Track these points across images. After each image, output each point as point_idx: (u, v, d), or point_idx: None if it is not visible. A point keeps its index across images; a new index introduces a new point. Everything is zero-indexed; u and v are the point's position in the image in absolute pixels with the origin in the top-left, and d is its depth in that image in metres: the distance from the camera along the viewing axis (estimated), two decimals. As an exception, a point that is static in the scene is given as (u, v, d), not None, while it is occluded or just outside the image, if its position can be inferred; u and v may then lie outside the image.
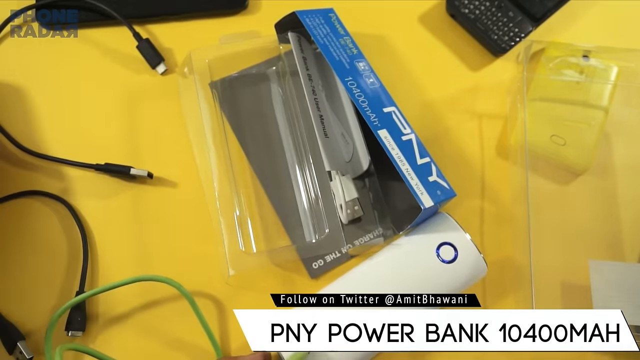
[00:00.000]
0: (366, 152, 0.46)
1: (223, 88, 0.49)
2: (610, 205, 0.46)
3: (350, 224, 0.45)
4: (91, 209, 0.45)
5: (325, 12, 0.48)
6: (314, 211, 0.45)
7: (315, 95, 0.47)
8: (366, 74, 0.45)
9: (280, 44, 0.49)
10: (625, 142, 0.48)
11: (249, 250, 0.43)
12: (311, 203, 0.45)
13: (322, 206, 0.44)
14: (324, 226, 0.43)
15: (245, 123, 0.48)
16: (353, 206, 0.44)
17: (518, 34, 0.51)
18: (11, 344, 0.40)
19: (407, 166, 0.41)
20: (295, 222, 0.45)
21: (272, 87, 0.50)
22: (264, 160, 0.47)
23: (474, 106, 0.50)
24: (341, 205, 0.44)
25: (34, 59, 0.50)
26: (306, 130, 0.46)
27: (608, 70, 0.49)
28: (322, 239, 0.43)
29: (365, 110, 0.43)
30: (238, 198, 0.44)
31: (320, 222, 0.44)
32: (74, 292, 0.42)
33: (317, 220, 0.44)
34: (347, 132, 0.47)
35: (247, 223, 0.44)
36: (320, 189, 0.44)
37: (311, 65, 0.48)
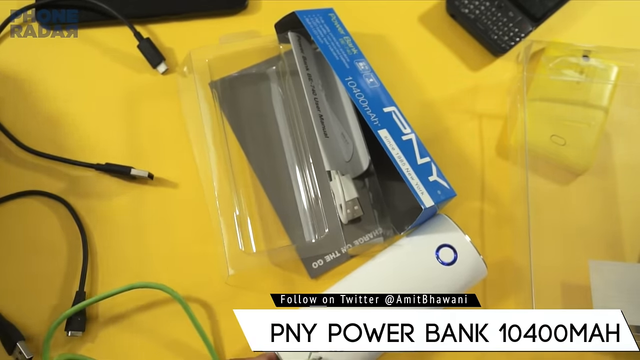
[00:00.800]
0: (366, 152, 0.46)
1: (223, 88, 0.49)
2: (610, 205, 0.46)
3: (350, 223, 0.45)
4: (91, 209, 0.45)
5: (325, 12, 0.48)
6: (313, 211, 0.45)
7: (315, 95, 0.47)
8: (366, 74, 0.45)
9: (280, 43, 0.49)
10: (625, 142, 0.48)
11: (248, 250, 0.43)
12: (311, 203, 0.45)
13: (322, 206, 0.44)
14: (323, 226, 0.43)
15: (245, 123, 0.48)
16: (353, 206, 0.44)
17: (518, 34, 0.51)
18: (11, 344, 0.39)
19: (407, 166, 0.41)
20: (295, 222, 0.45)
21: (272, 86, 0.50)
22: (263, 160, 0.47)
23: (474, 106, 0.50)
24: (341, 205, 0.44)
25: (34, 59, 0.50)
26: (306, 130, 0.46)
27: (608, 70, 0.49)
28: (321, 238, 0.43)
29: (366, 110, 0.43)
30: (238, 198, 0.44)
31: (320, 222, 0.44)
32: (74, 292, 0.42)
33: (317, 220, 0.44)
34: (347, 132, 0.47)
35: (246, 223, 0.44)
36: (320, 189, 0.44)
37: (311, 65, 0.48)
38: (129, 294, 0.42)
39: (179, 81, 0.50)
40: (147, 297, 0.43)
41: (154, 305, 0.43)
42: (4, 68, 0.50)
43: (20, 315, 0.42)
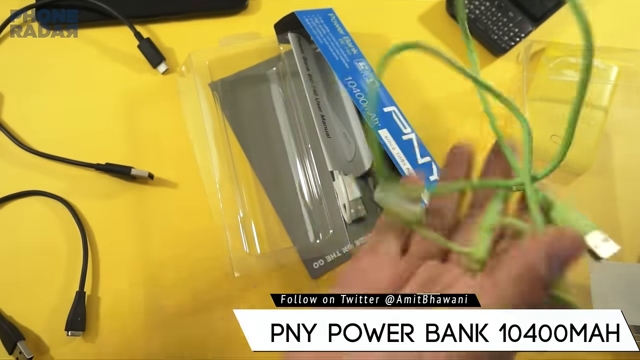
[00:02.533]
0: (368, 151, 0.46)
1: (223, 89, 0.49)
2: (610, 205, 0.46)
3: (354, 223, 0.45)
4: (91, 209, 0.45)
5: (324, 12, 0.48)
6: (317, 211, 0.45)
7: (317, 95, 0.47)
8: (366, 74, 0.45)
9: (280, 44, 0.49)
10: (625, 142, 0.48)
11: (253, 252, 0.43)
12: (314, 203, 0.45)
13: (326, 206, 0.44)
14: (327, 226, 0.43)
15: (246, 124, 0.48)
16: (356, 206, 0.44)
17: (518, 34, 0.51)
18: (11, 344, 0.40)
19: (407, 165, 0.41)
20: (299, 223, 0.45)
21: (273, 87, 0.50)
22: (265, 161, 0.47)
23: (474, 106, 0.50)
24: (344, 205, 0.44)
25: (34, 59, 0.50)
26: (308, 130, 0.46)
27: (608, 70, 0.49)
28: (326, 239, 0.43)
29: (366, 109, 0.43)
30: (241, 199, 0.44)
31: (324, 223, 0.44)
32: (74, 292, 0.42)
33: (320, 220, 0.44)
34: (348, 131, 0.47)
35: (250, 225, 0.44)
36: (323, 189, 0.44)
37: (311, 65, 0.48)
38: (129, 293, 0.42)
39: (178, 82, 0.50)
40: (148, 298, 0.43)
41: (155, 305, 0.43)
42: (4, 68, 0.50)
43: (20, 315, 0.42)
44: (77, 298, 0.41)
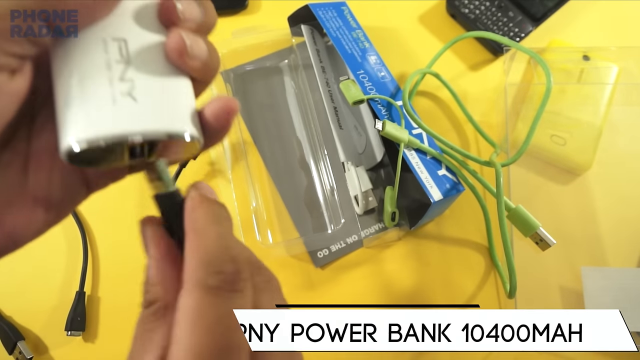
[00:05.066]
0: (380, 144, 0.46)
1: (235, 80, 0.49)
2: (610, 205, 0.46)
3: (365, 214, 0.45)
4: (91, 209, 0.45)
5: (337, 5, 0.48)
6: (329, 202, 0.45)
7: (329, 87, 0.47)
8: (378, 67, 0.45)
9: (292, 36, 0.49)
10: (625, 142, 0.48)
11: (265, 242, 0.43)
12: (326, 194, 0.45)
13: (338, 197, 0.44)
14: (339, 217, 0.43)
15: (257, 115, 0.48)
16: (367, 197, 0.44)
17: (518, 34, 0.51)
18: (11, 344, 0.40)
19: (416, 159, 0.41)
20: (310, 213, 0.45)
21: (285, 79, 0.50)
22: (277, 152, 0.47)
23: (474, 106, 0.50)
24: (356, 197, 0.44)
25: (34, 59, 0.50)
26: (320, 122, 0.46)
27: (608, 70, 0.48)
28: (337, 229, 0.43)
29: (377, 103, 0.43)
30: (254, 190, 0.44)
31: (335, 213, 0.44)
32: (74, 292, 0.42)
33: (332, 211, 0.44)
34: (360, 124, 0.47)
35: (262, 215, 0.44)
36: (335, 180, 0.44)
37: (324, 57, 0.49)
38: (129, 293, 0.42)
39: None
40: (147, 297, 0.43)
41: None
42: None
43: (20, 315, 0.42)
44: (77, 298, 0.41)
